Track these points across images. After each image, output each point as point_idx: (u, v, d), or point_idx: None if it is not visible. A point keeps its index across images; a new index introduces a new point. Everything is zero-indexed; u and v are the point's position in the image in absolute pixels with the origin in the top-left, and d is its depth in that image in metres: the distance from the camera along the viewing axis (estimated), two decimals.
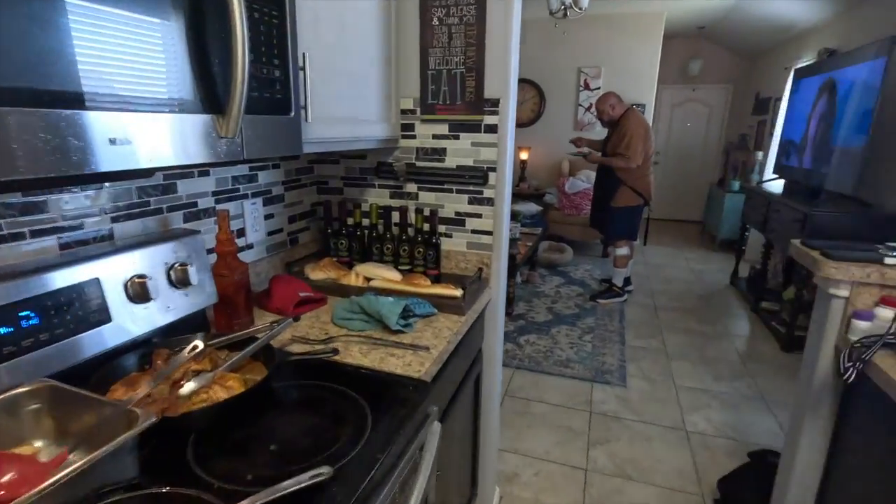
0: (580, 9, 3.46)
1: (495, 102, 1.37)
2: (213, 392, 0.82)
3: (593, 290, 4.10)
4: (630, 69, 5.45)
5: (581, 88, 5.66)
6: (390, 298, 1.17)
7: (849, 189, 2.83)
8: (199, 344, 0.87)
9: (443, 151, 1.46)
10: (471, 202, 1.46)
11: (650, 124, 5.07)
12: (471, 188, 1.45)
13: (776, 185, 4.07)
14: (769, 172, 4.93)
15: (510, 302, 3.54)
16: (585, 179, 5.39)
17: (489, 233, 1.47)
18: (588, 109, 5.67)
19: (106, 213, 0.97)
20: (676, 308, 3.81)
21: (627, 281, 4.02)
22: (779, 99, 5.19)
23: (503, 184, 1.42)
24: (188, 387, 0.80)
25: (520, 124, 5.93)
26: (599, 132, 5.50)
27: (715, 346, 3.17)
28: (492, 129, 1.39)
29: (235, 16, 0.68)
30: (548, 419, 2.35)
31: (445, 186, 1.48)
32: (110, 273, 0.87)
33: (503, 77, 1.35)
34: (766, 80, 5.83)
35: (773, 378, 2.77)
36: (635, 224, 3.71)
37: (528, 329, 3.34)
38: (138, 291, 0.90)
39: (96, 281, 0.84)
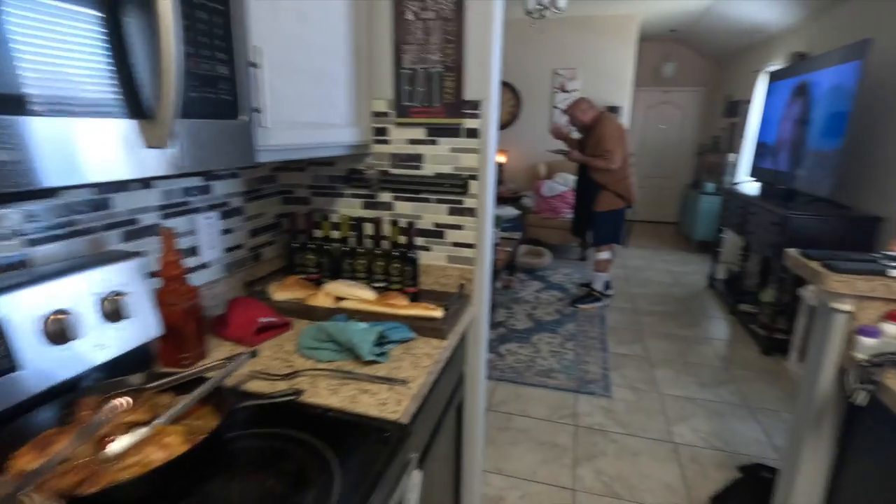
0: (558, 9, 3.39)
1: (476, 105, 1.26)
2: (147, 453, 0.68)
3: (573, 295, 4.04)
4: (606, 71, 5.44)
5: (557, 90, 5.63)
6: (362, 324, 1.04)
7: (824, 192, 2.84)
8: (124, 403, 0.73)
9: (419, 158, 1.34)
10: (451, 213, 1.35)
11: (625, 126, 5.07)
12: (451, 198, 1.34)
13: (751, 187, 4.09)
14: (742, 174, 4.98)
15: (491, 310, 3.44)
16: (562, 182, 5.35)
17: (471, 246, 1.36)
18: (564, 112, 5.63)
19: (18, 237, 0.81)
20: (657, 312, 3.78)
21: (608, 285, 3.98)
22: (749, 102, 5.26)
23: (486, 193, 1.32)
24: (113, 447, 0.66)
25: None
26: (575, 135, 5.48)
27: (697, 351, 3.14)
28: (473, 133, 1.28)
29: None
30: (532, 435, 2.26)
31: (423, 196, 1.36)
32: (20, 309, 0.72)
33: (484, 77, 1.25)
34: (737, 84, 5.91)
35: (756, 383, 2.75)
36: (620, 228, 3.66)
37: (509, 337, 3.25)
38: (58, 329, 0.76)
39: None
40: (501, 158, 5.70)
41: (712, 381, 2.75)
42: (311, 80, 1.04)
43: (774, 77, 3.88)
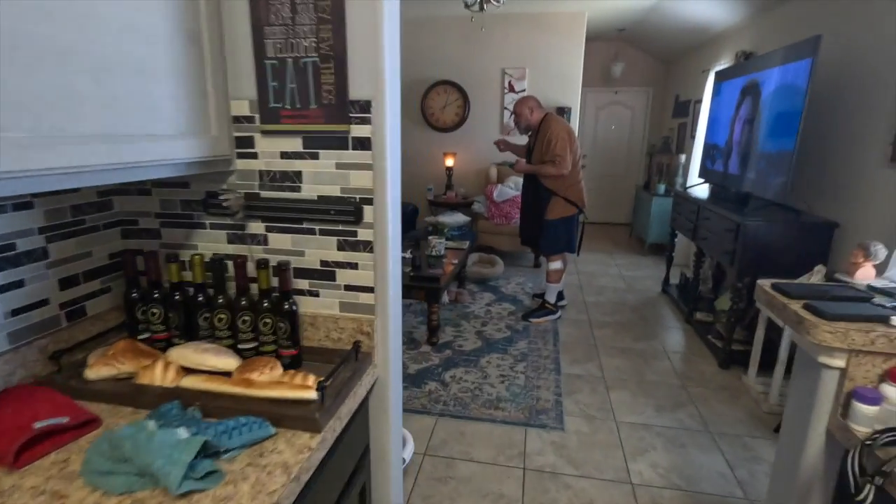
0: (498, 1, 3.13)
1: (366, 106, 0.95)
2: None
3: (526, 308, 3.80)
4: (555, 71, 5.25)
5: (506, 90, 5.40)
6: (179, 432, 0.71)
7: (777, 196, 2.70)
8: None
9: (297, 176, 1.02)
10: (342, 247, 1.03)
11: (574, 128, 4.90)
12: (340, 228, 1.02)
13: (702, 189, 3.98)
14: (693, 176, 4.90)
15: (434, 331, 3.14)
16: (514, 186, 5.12)
17: (369, 289, 1.04)
18: (512, 114, 5.41)
19: None
20: (611, 323, 3.59)
21: (561, 295, 3.76)
22: (698, 101, 5.20)
23: (386, 221, 1.00)
24: None
25: (444, 129, 5.58)
26: (520, 142, 5.27)
27: (653, 367, 2.94)
28: (364, 144, 0.96)
29: None
30: (476, 484, 1.96)
31: (305, 226, 1.04)
32: None
33: (375, 70, 0.93)
34: (685, 83, 5.87)
35: (715, 403, 2.57)
36: (573, 235, 3.44)
37: (455, 361, 2.95)
38: None
39: None
40: (450, 161, 5.42)
41: (670, 404, 2.55)
42: (94, 69, 0.70)
43: (721, 76, 3.78)
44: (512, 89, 5.39)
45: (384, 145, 0.96)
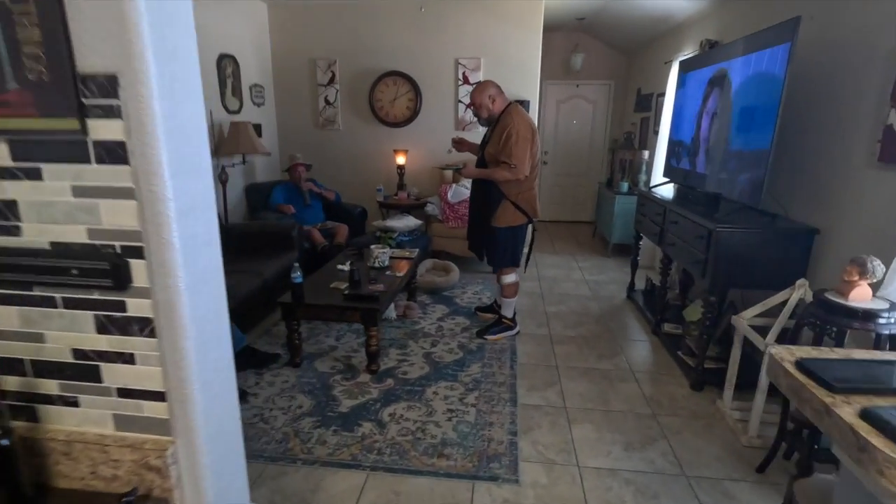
0: None
1: (110, 87, 0.52)
2: None
3: (481, 323, 3.43)
4: (511, 61, 4.89)
5: (460, 82, 5.00)
6: None
7: (751, 199, 2.41)
8: None
9: (10, 209, 0.59)
10: (103, 328, 0.61)
11: (535, 123, 4.54)
12: (96, 297, 0.60)
13: (668, 189, 3.70)
14: (657, 173, 4.64)
15: (373, 357, 2.72)
16: (469, 187, 4.73)
17: (159, 395, 0.63)
18: (469, 106, 5.02)
19: None
20: (574, 338, 3.26)
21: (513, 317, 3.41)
22: (661, 95, 4.94)
23: (174, 284, 0.59)
24: None
25: (395, 123, 5.14)
26: (481, 131, 4.90)
27: (620, 392, 2.63)
28: (113, 152, 0.54)
29: None
30: None
31: (38, 293, 0.61)
32: None
33: (122, 15, 0.51)
34: (647, 76, 5.63)
35: (689, 436, 2.26)
36: (518, 247, 3.08)
37: (397, 394, 2.55)
38: None
39: None
40: (401, 159, 4.99)
41: (640, 439, 2.23)
42: None
43: (686, 67, 3.49)
44: (466, 81, 4.99)
45: (155, 154, 0.54)
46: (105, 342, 0.60)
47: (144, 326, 0.59)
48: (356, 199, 5.11)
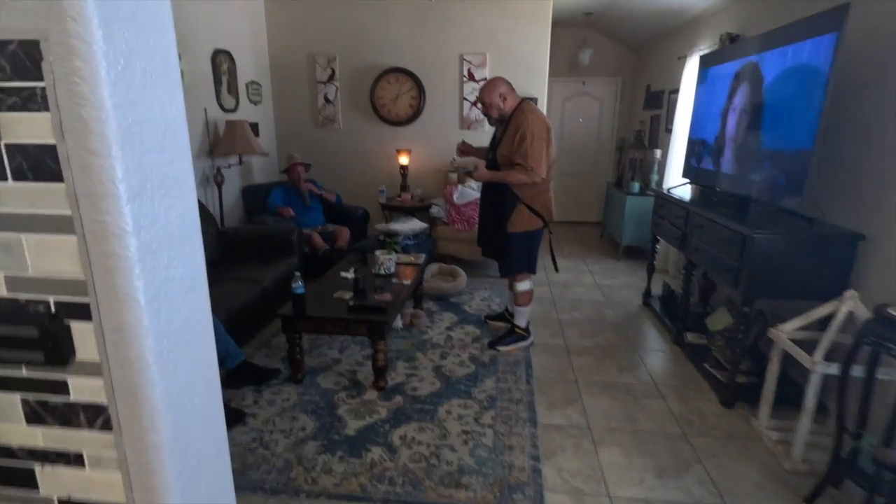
0: None
1: (28, 59, 0.34)
2: None
3: (492, 332, 3.25)
4: (519, 57, 4.70)
5: (465, 79, 4.81)
6: None
7: (790, 202, 2.23)
8: None
9: None
10: (36, 418, 0.42)
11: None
12: (24, 374, 0.41)
13: (685, 190, 3.52)
14: (671, 173, 4.46)
15: (380, 373, 2.54)
16: (476, 188, 4.55)
17: None
18: (474, 104, 4.84)
19: None
20: (591, 349, 3.08)
21: (527, 327, 3.24)
22: (674, 91, 4.76)
23: (139, 364, 0.40)
24: None
25: (397, 122, 4.95)
26: (489, 130, 4.72)
27: (646, 409, 2.45)
28: (42, 164, 0.36)
29: None
30: None
31: None
32: None
33: None
34: (657, 72, 5.45)
35: (726, 459, 2.09)
36: (534, 253, 2.90)
37: (407, 413, 2.37)
38: None
39: None
40: (404, 159, 4.80)
41: (673, 464, 2.05)
42: None
43: (707, 62, 3.31)
44: (472, 77, 4.81)
45: (103, 165, 0.36)
46: (40, 436, 0.41)
47: (95, 416, 0.41)
48: (358, 200, 4.92)
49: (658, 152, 4.81)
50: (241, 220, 4.46)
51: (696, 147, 3.36)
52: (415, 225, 4.05)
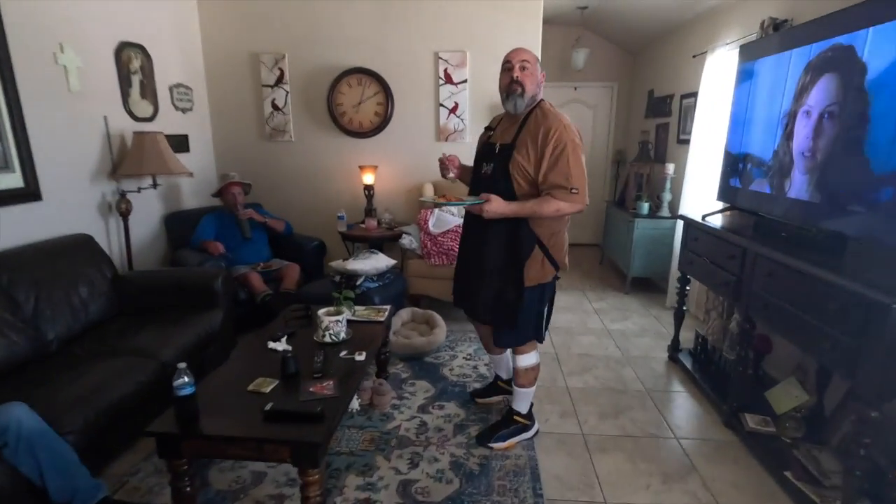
0: None
1: None
2: None
3: (479, 412, 2.40)
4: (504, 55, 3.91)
5: (442, 81, 4.01)
6: None
7: None
8: None
9: None
10: None
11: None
12: None
13: (720, 217, 2.76)
14: (687, 192, 3.71)
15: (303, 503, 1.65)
16: (456, 212, 3.73)
17: None
18: (453, 111, 4.04)
19: None
20: (619, 441, 2.26)
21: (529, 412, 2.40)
22: (688, 96, 4.05)
23: None
24: None
25: (360, 133, 4.11)
26: (471, 142, 3.93)
27: None
28: None
29: None
30: None
31: None
32: None
33: None
34: (662, 75, 4.74)
35: None
36: (544, 312, 2.07)
37: None
38: None
39: None
40: (369, 178, 3.96)
41: None
42: None
43: (751, 53, 2.57)
44: (449, 80, 4.01)
45: None
46: None
47: None
48: (312, 229, 4.05)
49: (670, 167, 4.07)
50: (161, 258, 3.54)
51: (740, 164, 2.60)
52: (379, 262, 3.19)
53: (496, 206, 1.82)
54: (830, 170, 1.92)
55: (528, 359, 2.10)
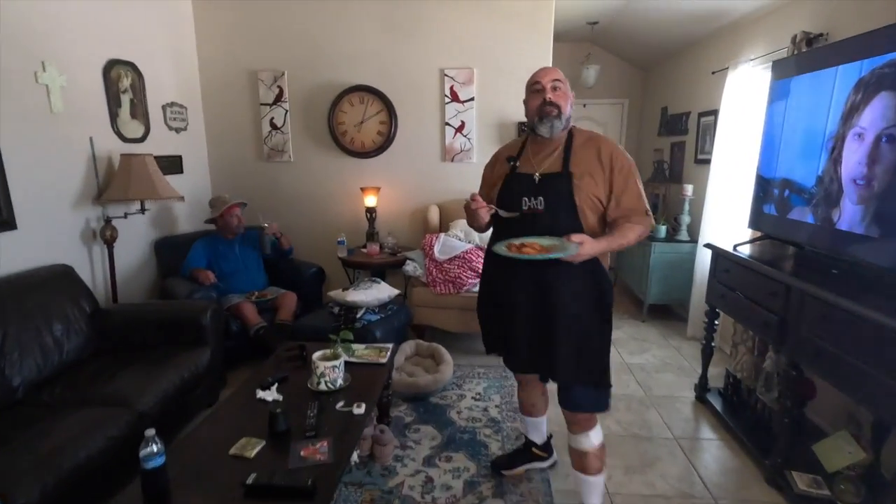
0: None
1: None
2: None
3: (499, 482, 2.15)
4: (513, 72, 3.75)
5: (447, 99, 3.84)
6: None
7: None
8: None
9: None
10: None
11: None
12: None
13: (745, 245, 2.53)
14: (708, 216, 3.49)
15: None
16: (463, 236, 3.52)
17: None
18: (459, 130, 3.85)
19: None
20: (647, 499, 2.00)
21: (548, 442, 2.16)
22: (707, 114, 3.86)
23: None
24: None
25: (362, 153, 3.92)
26: (478, 162, 3.74)
27: None
28: None
29: None
30: None
31: None
32: None
33: None
34: (677, 92, 4.56)
35: None
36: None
37: None
38: None
39: None
40: (371, 200, 3.76)
41: None
42: None
43: (785, 70, 2.37)
44: (455, 98, 3.83)
45: None
46: None
47: None
48: (311, 254, 3.85)
49: (689, 188, 3.86)
50: (150, 288, 3.33)
51: (775, 189, 2.38)
52: (381, 293, 2.97)
53: (590, 247, 1.50)
54: (892, 200, 1.69)
55: (599, 433, 1.75)
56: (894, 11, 2.06)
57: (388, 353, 2.35)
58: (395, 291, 3.09)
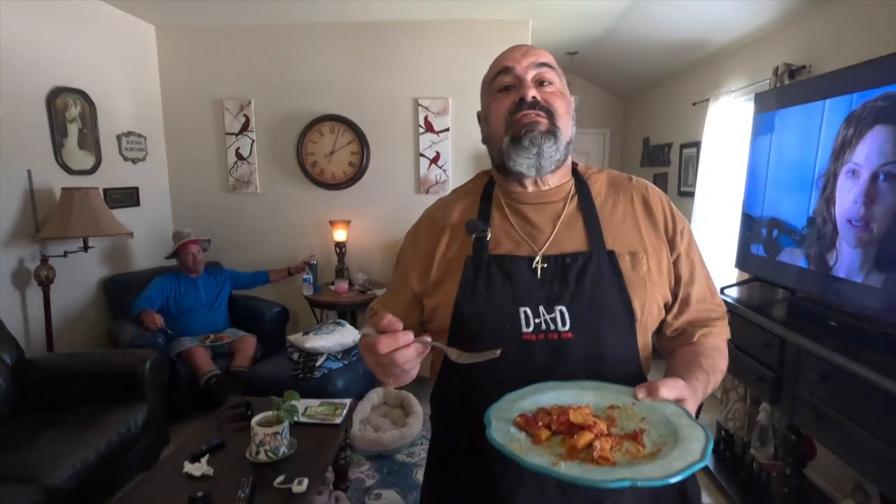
0: None
1: None
2: None
3: None
4: None
5: (422, 130, 3.68)
6: None
7: None
8: None
9: None
10: None
11: None
12: None
13: (731, 287, 2.36)
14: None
15: None
16: None
17: None
18: (434, 162, 3.69)
19: None
20: None
21: None
22: (689, 145, 3.75)
23: None
24: None
25: (333, 184, 3.73)
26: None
27: None
28: None
29: None
30: None
31: None
32: None
33: None
34: (658, 122, 4.48)
35: None
36: None
37: None
38: None
39: None
40: (341, 234, 3.55)
41: None
42: None
43: (768, 103, 2.24)
44: (430, 128, 3.68)
45: None
46: None
47: None
48: (276, 292, 3.60)
49: None
50: (95, 333, 3.05)
51: (762, 229, 2.22)
52: (345, 337, 2.73)
53: (693, 403, 0.72)
54: (894, 245, 1.53)
55: None
56: (876, 45, 1.95)
57: (345, 411, 2.10)
58: (371, 331, 2.85)
